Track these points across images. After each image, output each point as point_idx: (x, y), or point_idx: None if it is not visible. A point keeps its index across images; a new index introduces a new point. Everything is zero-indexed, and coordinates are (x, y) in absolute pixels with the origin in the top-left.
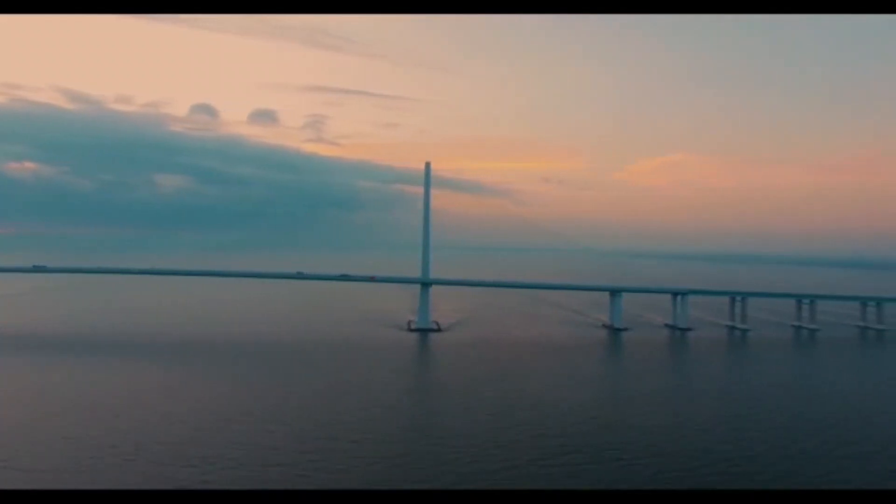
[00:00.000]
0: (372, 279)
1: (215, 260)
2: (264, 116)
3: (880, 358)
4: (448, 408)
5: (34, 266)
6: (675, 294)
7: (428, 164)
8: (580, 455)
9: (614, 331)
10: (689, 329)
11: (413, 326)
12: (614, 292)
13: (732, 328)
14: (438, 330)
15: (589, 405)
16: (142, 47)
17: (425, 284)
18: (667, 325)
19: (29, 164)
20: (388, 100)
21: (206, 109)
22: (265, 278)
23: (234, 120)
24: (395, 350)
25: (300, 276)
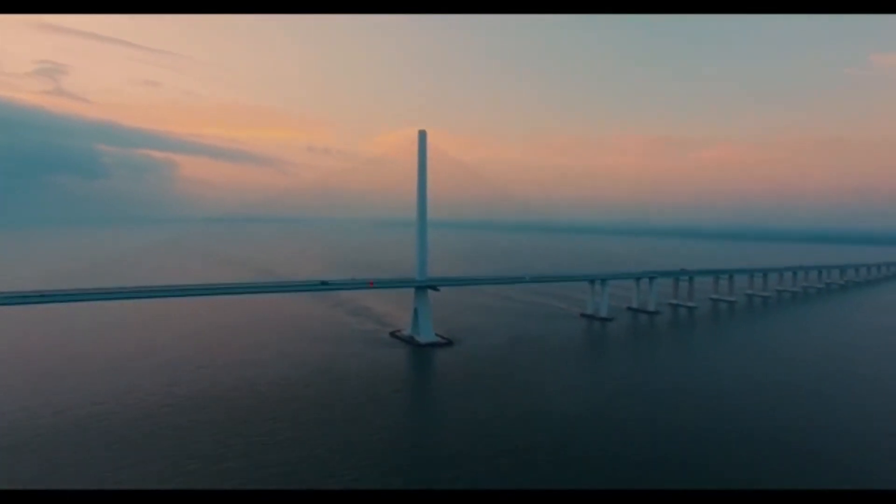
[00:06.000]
0: (370, 285)
1: None
2: None
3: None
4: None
5: None
6: (638, 279)
7: (423, 133)
8: None
9: (601, 321)
10: (657, 312)
11: (419, 340)
12: (599, 280)
13: (678, 306)
14: (449, 343)
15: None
16: None
17: (422, 287)
18: (631, 309)
19: None
20: (150, 53)
21: None
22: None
23: None
24: (431, 386)
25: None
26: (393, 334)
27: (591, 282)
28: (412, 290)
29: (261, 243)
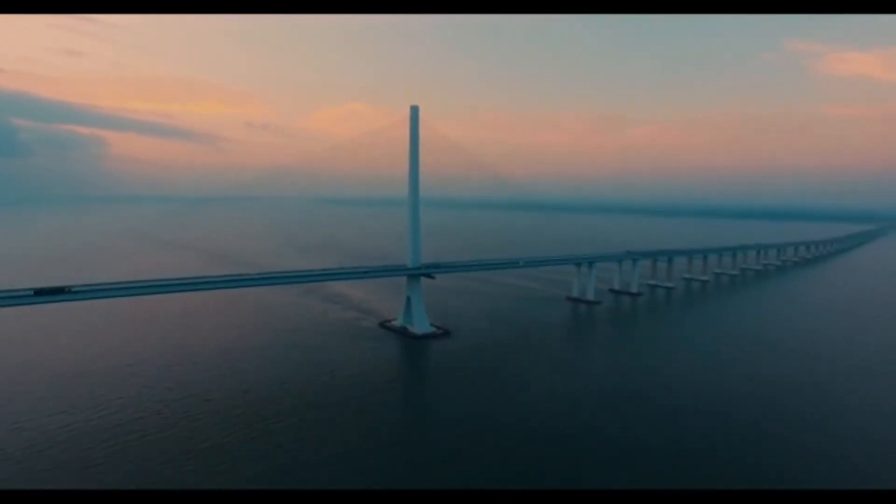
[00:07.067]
0: (365, 274)
1: None
2: None
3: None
4: None
5: None
6: (621, 260)
7: (415, 109)
8: None
9: (588, 304)
10: (639, 294)
11: (414, 331)
12: (585, 263)
13: (657, 287)
14: (446, 334)
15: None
16: None
17: (415, 275)
18: (613, 291)
19: None
20: (71, 19)
21: None
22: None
23: None
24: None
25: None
26: (382, 325)
27: (578, 265)
28: (381, 277)
29: (207, 226)
